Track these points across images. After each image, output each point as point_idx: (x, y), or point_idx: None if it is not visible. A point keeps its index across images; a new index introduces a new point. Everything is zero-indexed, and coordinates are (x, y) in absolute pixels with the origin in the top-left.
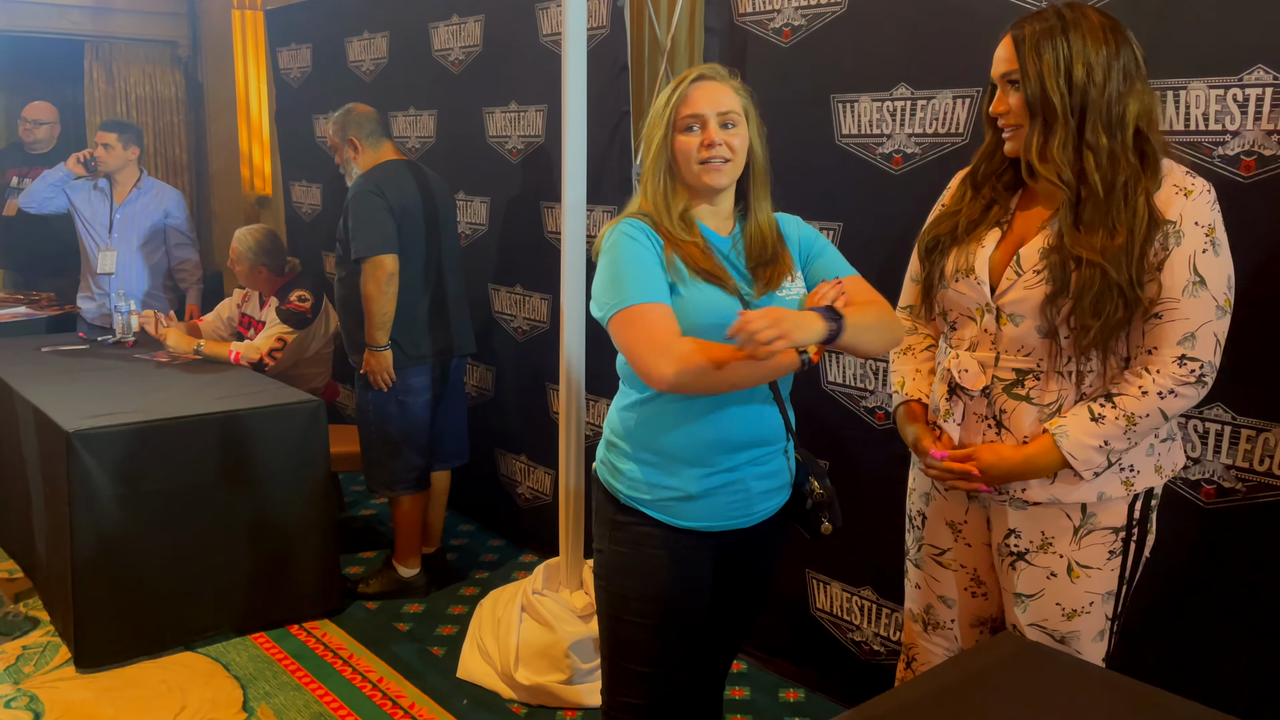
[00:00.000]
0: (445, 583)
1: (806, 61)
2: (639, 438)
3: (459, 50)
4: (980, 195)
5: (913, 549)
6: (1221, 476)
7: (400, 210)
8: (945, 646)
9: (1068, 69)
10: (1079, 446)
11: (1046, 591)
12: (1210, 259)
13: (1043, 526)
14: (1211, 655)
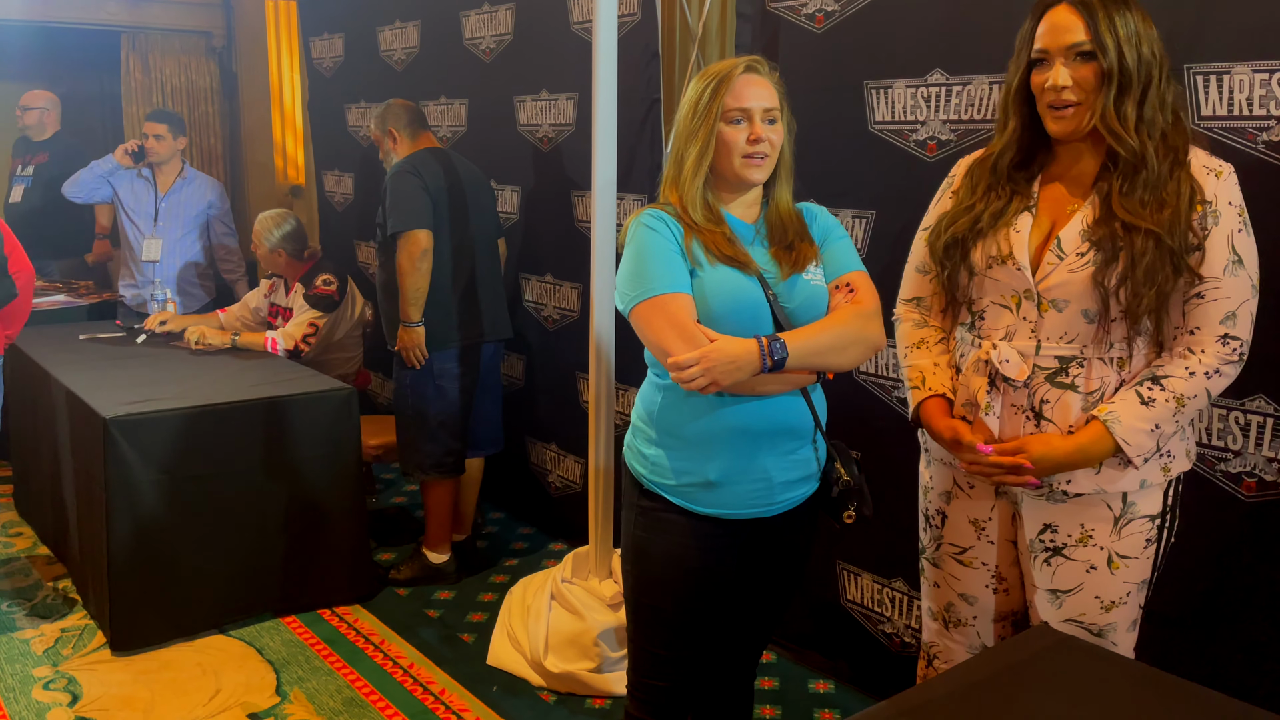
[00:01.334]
0: (475, 570)
1: (839, 48)
2: (663, 423)
3: (490, 39)
4: (1002, 186)
5: (930, 548)
6: (1263, 469)
7: (436, 192)
8: (966, 644)
9: (1138, 42)
10: (1132, 432)
11: (1085, 585)
12: (1245, 238)
13: (1082, 519)
14: (1250, 650)
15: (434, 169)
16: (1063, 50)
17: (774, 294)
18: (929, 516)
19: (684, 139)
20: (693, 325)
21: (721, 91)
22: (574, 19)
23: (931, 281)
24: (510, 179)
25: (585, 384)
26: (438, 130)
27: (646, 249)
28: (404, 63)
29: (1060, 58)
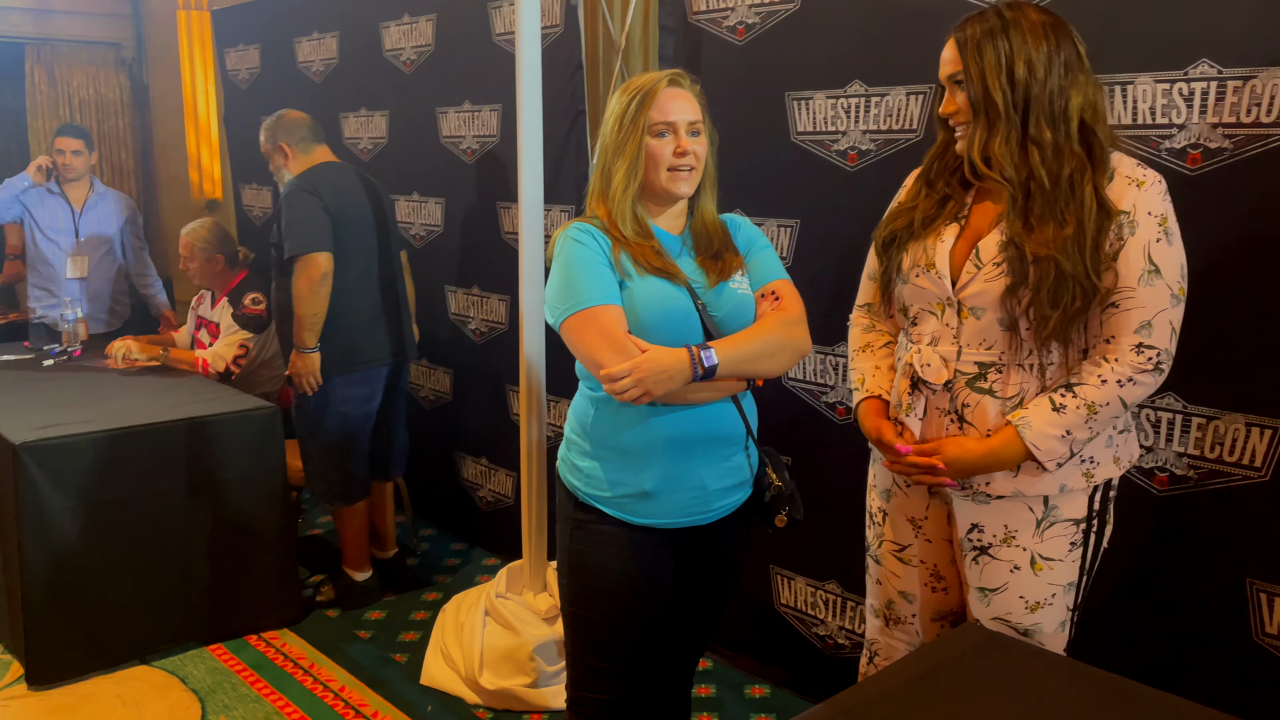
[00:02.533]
0: (405, 587)
1: (761, 59)
2: (597, 434)
3: (411, 50)
4: (935, 191)
5: (873, 545)
6: (1174, 464)
7: (336, 210)
8: (906, 641)
9: (1009, 67)
10: (1042, 437)
11: (1010, 585)
12: (1164, 248)
13: (1005, 520)
14: (1167, 640)
15: (332, 185)
16: (946, 80)
17: (702, 303)
18: (872, 514)
19: (611, 153)
20: (624, 336)
21: (646, 105)
22: (496, 30)
23: (878, 271)
24: (434, 191)
25: (515, 397)
26: (358, 143)
27: (575, 262)
28: (323, 74)
29: (948, 86)
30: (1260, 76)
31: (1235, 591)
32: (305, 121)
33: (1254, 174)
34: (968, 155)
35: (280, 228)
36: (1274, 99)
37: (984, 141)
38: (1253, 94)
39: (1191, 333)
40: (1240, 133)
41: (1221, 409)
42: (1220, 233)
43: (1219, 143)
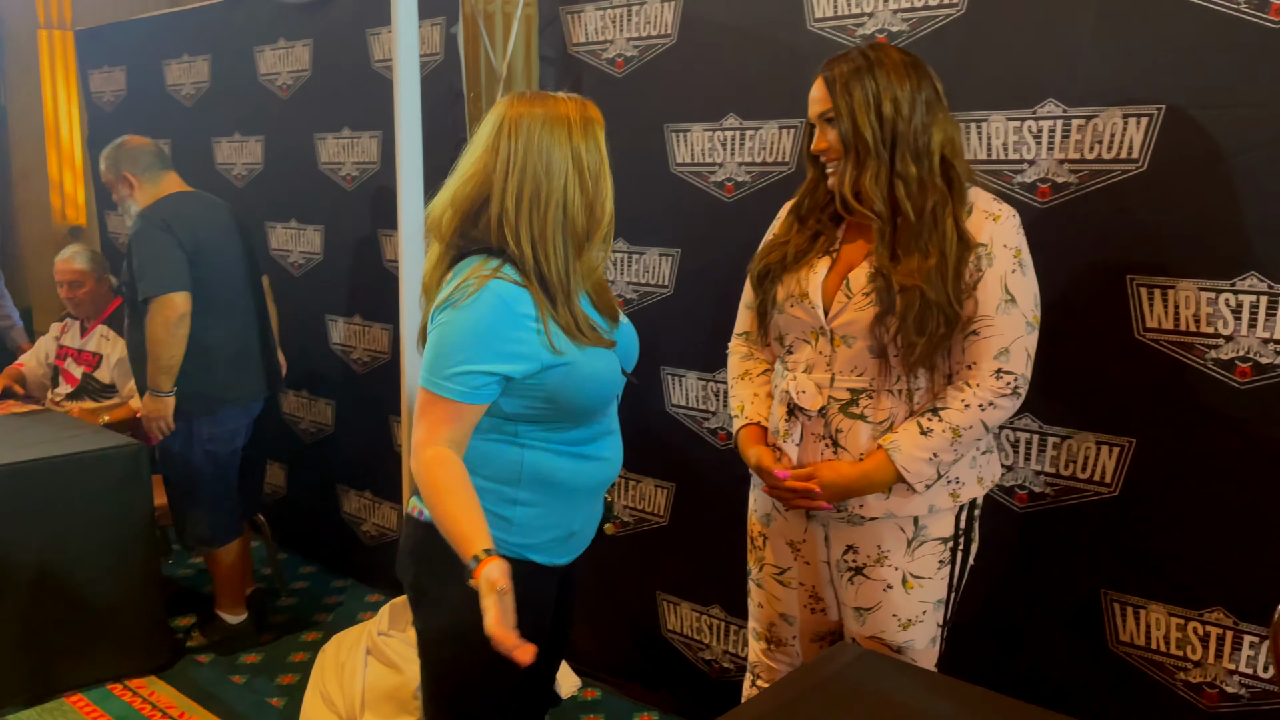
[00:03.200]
0: (285, 629)
1: (640, 92)
2: (533, 478)
3: (287, 74)
4: (806, 227)
5: (754, 569)
6: (1032, 482)
7: (193, 245)
8: (788, 662)
9: (877, 105)
10: (911, 460)
11: (883, 603)
12: (1019, 279)
13: (879, 541)
14: (1032, 652)
15: (186, 218)
16: (816, 118)
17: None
18: (753, 538)
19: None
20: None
21: (604, 148)
22: (375, 57)
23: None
24: (313, 218)
25: (399, 427)
26: (232, 168)
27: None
28: (193, 98)
29: (817, 124)
30: (1101, 116)
31: (1092, 602)
32: (150, 148)
33: (1097, 207)
34: (839, 191)
35: (131, 267)
36: (1114, 137)
37: (855, 178)
38: (1094, 132)
39: (1045, 356)
40: (1084, 168)
41: (1074, 429)
42: (1068, 262)
43: (1065, 177)
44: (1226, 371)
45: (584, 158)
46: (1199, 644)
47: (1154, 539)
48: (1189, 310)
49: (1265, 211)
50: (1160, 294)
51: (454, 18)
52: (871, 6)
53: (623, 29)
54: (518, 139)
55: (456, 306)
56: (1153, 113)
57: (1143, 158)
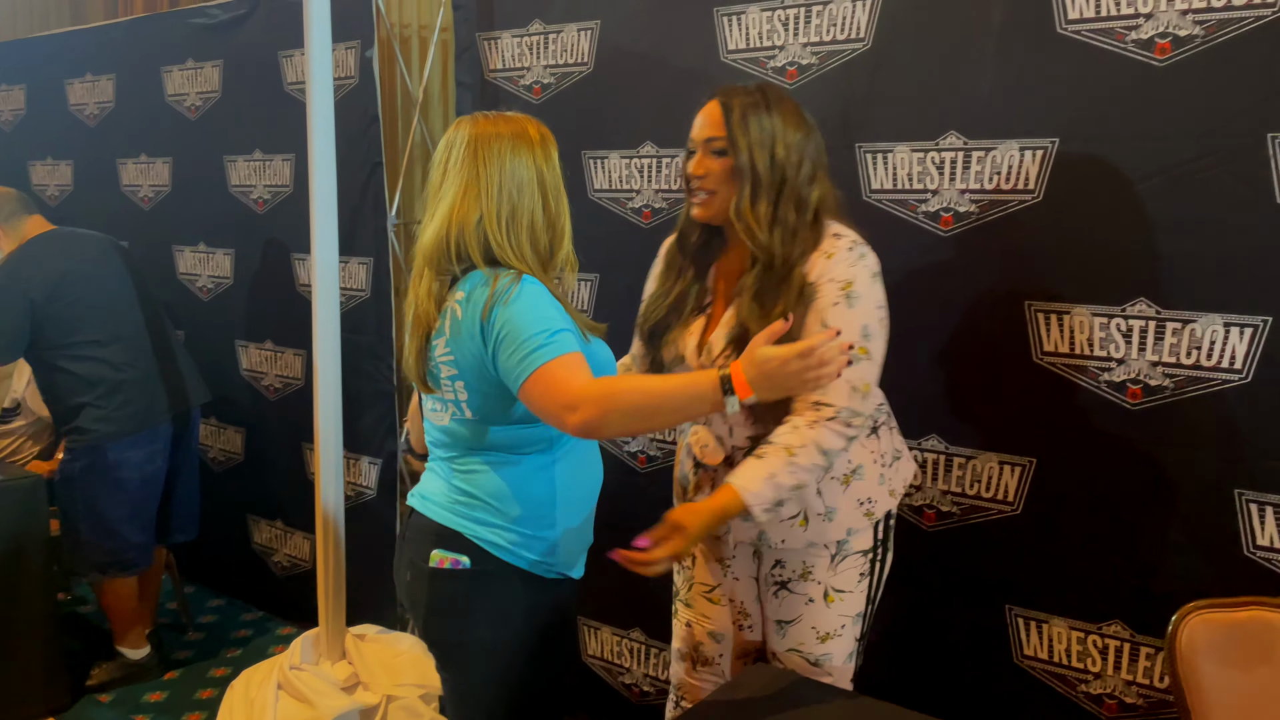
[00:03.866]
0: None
1: (558, 118)
2: (566, 500)
3: (196, 95)
4: (684, 274)
5: (683, 589)
6: (940, 501)
7: (50, 288)
8: (714, 681)
9: (771, 145)
10: (750, 481)
11: (804, 616)
12: (842, 311)
13: (804, 557)
14: (941, 668)
15: (40, 261)
16: (702, 142)
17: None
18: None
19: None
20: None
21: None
22: (288, 79)
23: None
24: (223, 242)
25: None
26: (138, 190)
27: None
28: (97, 118)
29: (700, 149)
30: (999, 148)
31: (998, 618)
32: (12, 195)
33: (997, 235)
34: (734, 212)
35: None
36: (1011, 168)
37: (749, 204)
38: (994, 163)
39: (950, 379)
40: (984, 198)
41: (978, 449)
42: (970, 288)
43: (967, 207)
44: (1119, 393)
45: (545, 176)
46: (1099, 656)
47: (1055, 555)
48: (1083, 334)
49: (1153, 240)
50: (1056, 319)
51: (369, 41)
52: (782, 40)
53: (540, 56)
54: (491, 159)
55: (509, 302)
56: (1047, 145)
57: (1039, 188)
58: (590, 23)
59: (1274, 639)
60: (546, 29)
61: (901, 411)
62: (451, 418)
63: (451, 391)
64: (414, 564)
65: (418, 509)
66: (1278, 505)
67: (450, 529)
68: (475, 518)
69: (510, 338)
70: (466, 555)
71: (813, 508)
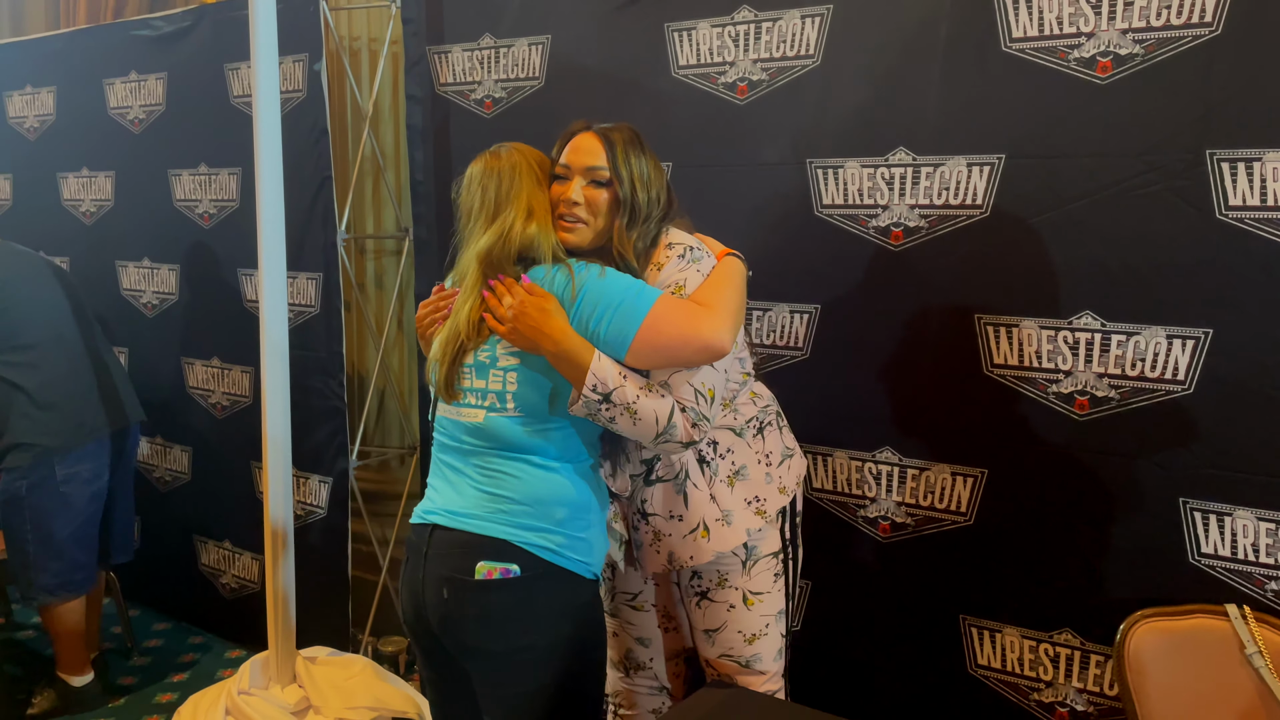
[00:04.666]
0: (121, 684)
1: (509, 133)
2: (603, 498)
3: (139, 108)
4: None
5: (606, 600)
6: (894, 512)
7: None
8: (649, 686)
9: (647, 183)
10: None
11: (729, 623)
12: None
13: (718, 567)
14: (896, 678)
15: None
16: (582, 170)
17: None
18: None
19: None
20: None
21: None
22: (234, 92)
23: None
24: (168, 257)
25: (260, 473)
26: (80, 204)
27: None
28: (37, 131)
29: (579, 176)
30: (948, 164)
31: (951, 627)
32: None
33: (946, 250)
34: (615, 240)
35: None
36: (959, 184)
37: (625, 233)
38: (942, 179)
39: (902, 392)
40: (934, 213)
41: (931, 460)
42: (920, 302)
43: (916, 222)
44: (1067, 404)
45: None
46: (1050, 664)
47: (1007, 564)
48: (1031, 347)
49: (1098, 255)
50: (1005, 331)
51: (317, 54)
52: (732, 56)
53: (491, 70)
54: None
55: (601, 277)
56: (994, 161)
57: (986, 204)
58: (541, 37)
59: (1218, 646)
60: (497, 43)
61: (854, 424)
62: (490, 411)
63: (500, 382)
64: (453, 579)
65: (445, 525)
66: (1221, 513)
67: (496, 538)
68: (521, 524)
69: (609, 299)
70: (516, 563)
71: (709, 515)
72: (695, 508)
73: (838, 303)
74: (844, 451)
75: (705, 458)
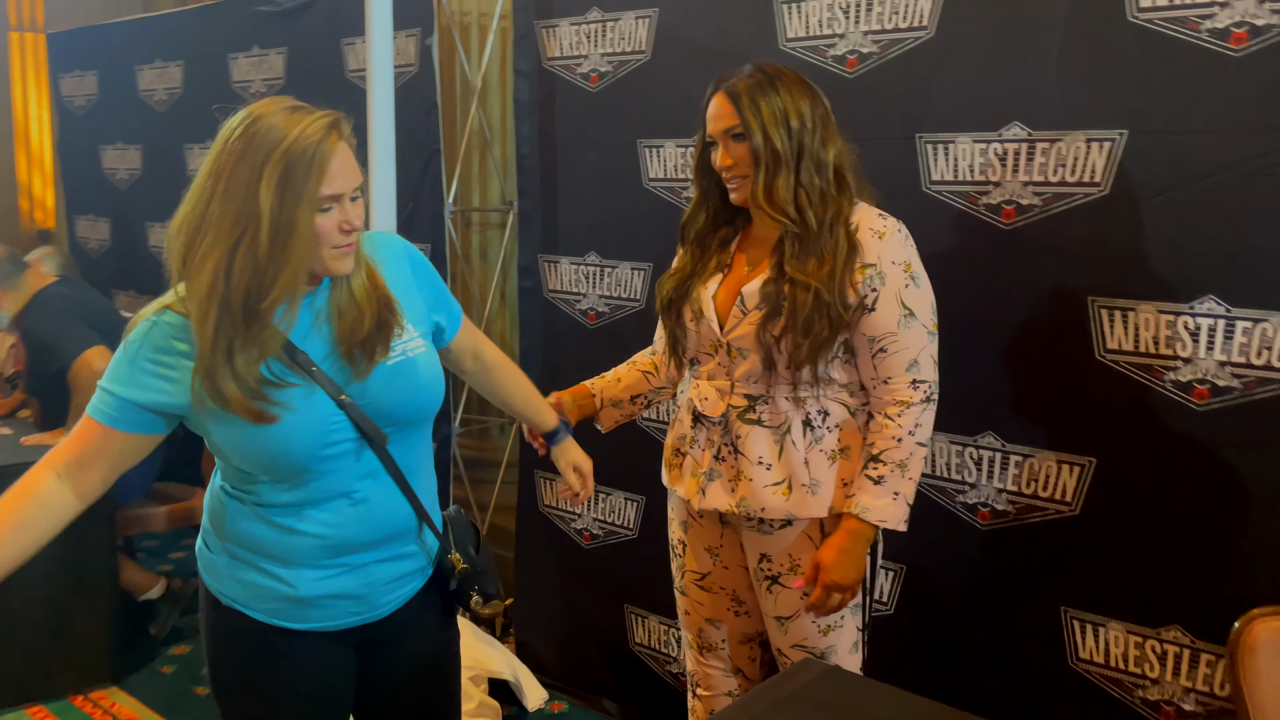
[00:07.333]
0: None
1: (614, 106)
2: (226, 530)
3: (260, 82)
4: (699, 250)
5: (677, 577)
6: (995, 500)
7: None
8: (721, 667)
9: (784, 118)
10: (879, 510)
11: (801, 611)
12: (914, 291)
13: (789, 550)
14: (993, 669)
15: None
16: (721, 134)
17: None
18: (673, 546)
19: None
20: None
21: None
22: (349, 67)
23: (665, 334)
24: None
25: None
26: None
27: None
28: (166, 104)
29: (721, 140)
30: (1065, 140)
31: (1052, 619)
32: (4, 256)
33: (1060, 229)
34: (753, 199)
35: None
36: (1076, 160)
37: (768, 185)
38: (1058, 155)
39: (1008, 376)
40: (1048, 191)
41: (1036, 447)
42: (1031, 283)
43: (1030, 200)
44: (1185, 394)
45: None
46: (1157, 662)
47: (1113, 557)
48: (1149, 332)
49: (1223, 236)
50: (1120, 316)
51: (429, 29)
52: (842, 28)
53: (597, 44)
54: None
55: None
56: (1115, 137)
57: (1105, 181)
58: (649, 10)
59: None
60: (605, 16)
61: (957, 407)
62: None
63: None
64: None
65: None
66: None
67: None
68: None
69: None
70: None
71: (798, 476)
72: (786, 463)
73: (942, 280)
74: (943, 435)
75: (812, 422)
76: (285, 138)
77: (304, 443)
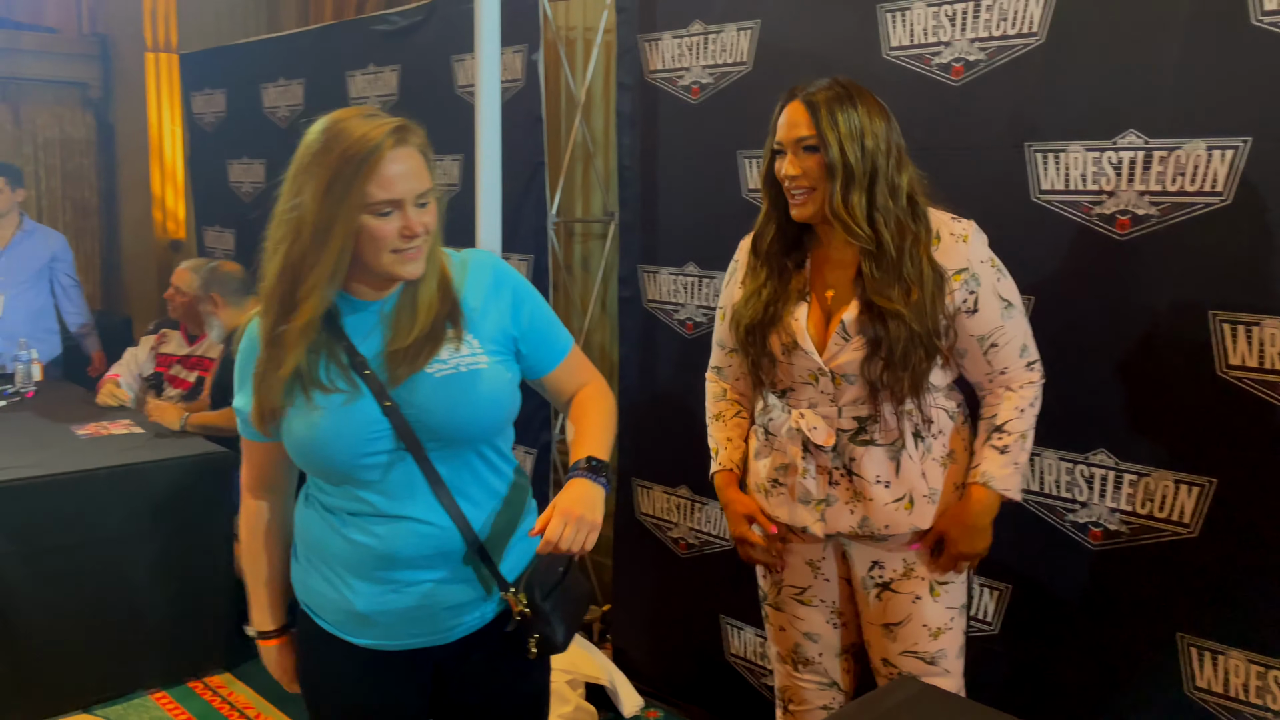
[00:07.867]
0: None
1: (715, 118)
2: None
3: (375, 98)
4: (772, 270)
5: (770, 593)
6: (1107, 519)
7: None
8: (817, 681)
9: (860, 136)
10: (1004, 479)
11: (913, 615)
12: (1005, 282)
13: (904, 555)
14: (1105, 694)
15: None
16: (792, 143)
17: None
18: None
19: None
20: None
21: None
22: (459, 82)
23: (729, 355)
24: None
25: None
26: None
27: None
28: (288, 119)
29: (791, 150)
30: (1184, 148)
31: (1168, 646)
32: (238, 276)
33: (1179, 240)
34: (828, 208)
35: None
36: (1196, 169)
37: (844, 197)
38: (1177, 164)
39: (1123, 391)
40: (1166, 200)
41: (1152, 466)
42: (1148, 296)
43: (1146, 210)
44: None
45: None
46: (1279, 692)
47: (1234, 583)
48: (1274, 348)
49: None
50: (1244, 330)
51: (535, 45)
52: (948, 36)
53: (699, 57)
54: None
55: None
56: (1239, 145)
57: (1228, 191)
58: (751, 22)
59: None
60: (707, 29)
61: (1067, 423)
62: None
63: None
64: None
65: None
66: None
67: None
68: None
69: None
70: None
71: (918, 489)
72: (905, 478)
73: (1054, 293)
74: (1053, 451)
75: (920, 433)
76: (346, 141)
77: (344, 443)
